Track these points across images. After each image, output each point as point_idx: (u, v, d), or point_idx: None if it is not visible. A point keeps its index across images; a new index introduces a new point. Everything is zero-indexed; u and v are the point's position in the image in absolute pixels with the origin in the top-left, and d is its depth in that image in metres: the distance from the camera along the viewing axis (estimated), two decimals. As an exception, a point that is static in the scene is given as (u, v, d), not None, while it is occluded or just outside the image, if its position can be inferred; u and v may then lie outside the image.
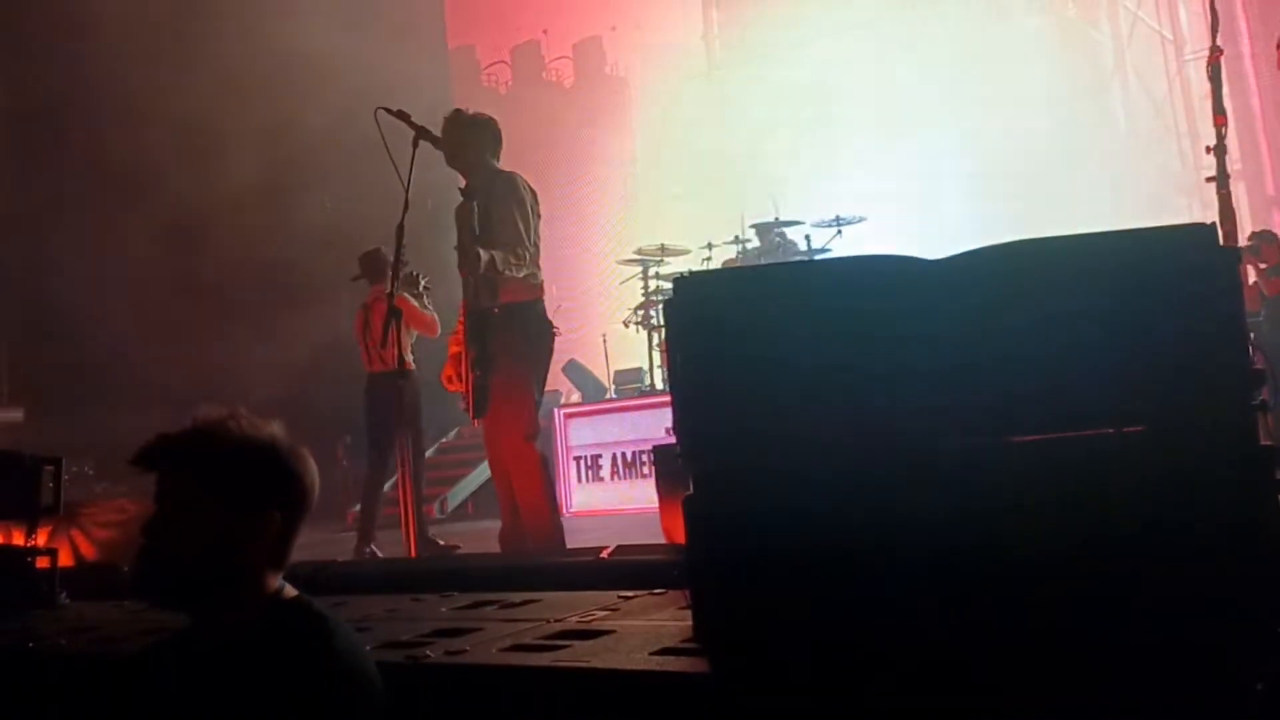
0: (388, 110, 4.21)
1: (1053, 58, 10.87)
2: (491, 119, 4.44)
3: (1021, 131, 10.65)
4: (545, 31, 14.20)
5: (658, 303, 8.75)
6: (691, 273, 1.97)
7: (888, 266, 1.90)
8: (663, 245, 9.45)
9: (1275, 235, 7.89)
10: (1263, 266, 7.59)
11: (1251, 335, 2.01)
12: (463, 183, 4.28)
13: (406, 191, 4.12)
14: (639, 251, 9.55)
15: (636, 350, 9.32)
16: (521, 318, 4.17)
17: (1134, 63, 10.53)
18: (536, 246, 4.26)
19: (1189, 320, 1.76)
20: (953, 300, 1.86)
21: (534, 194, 4.28)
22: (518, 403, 4.15)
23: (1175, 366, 1.79)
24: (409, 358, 5.94)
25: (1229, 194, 3.06)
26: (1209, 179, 3.10)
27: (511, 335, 4.13)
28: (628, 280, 9.72)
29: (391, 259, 4.66)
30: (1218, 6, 3.46)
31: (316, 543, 4.99)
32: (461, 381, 4.28)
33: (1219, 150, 3.07)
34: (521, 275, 4.15)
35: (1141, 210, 9.93)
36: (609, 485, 7.97)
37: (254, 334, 8.35)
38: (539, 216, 4.29)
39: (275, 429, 1.59)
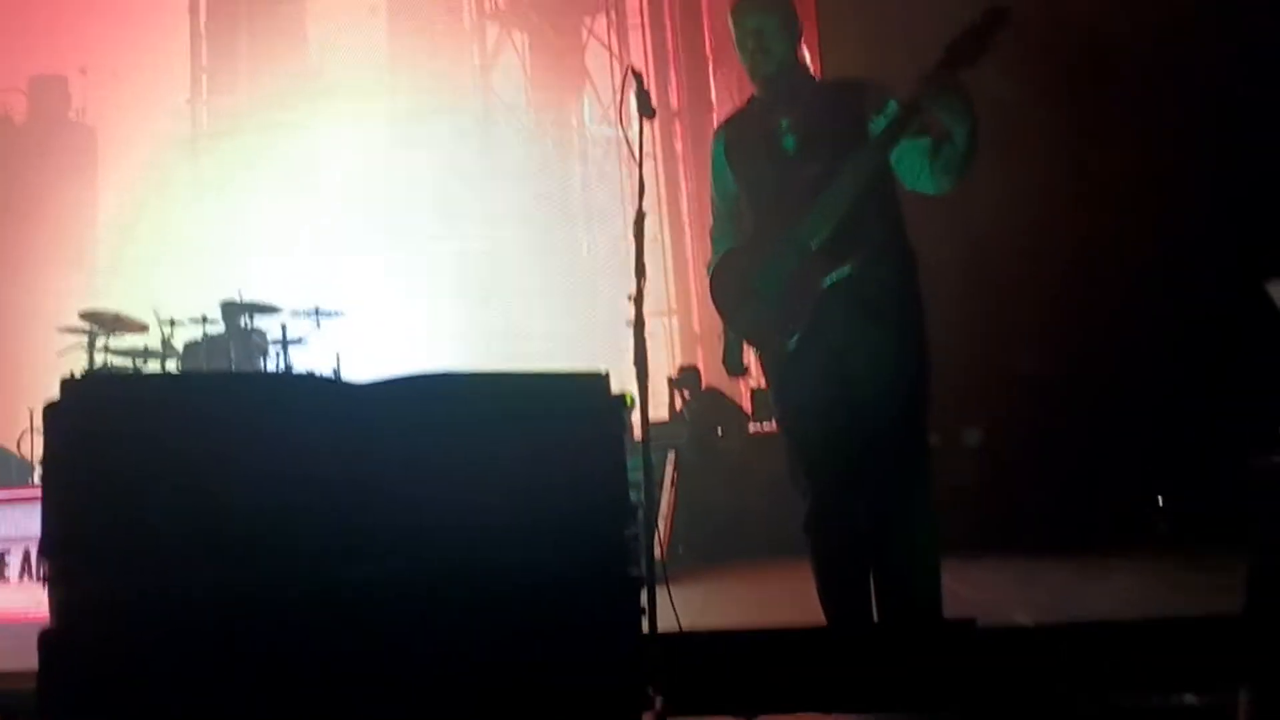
0: None
1: (535, 184, 11.88)
2: None
3: (502, 249, 11.39)
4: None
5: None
6: (85, 374, 1.76)
7: (305, 386, 1.88)
8: (117, 315, 8.59)
9: (698, 369, 9.25)
10: (687, 397, 8.82)
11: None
12: None
13: None
14: (87, 318, 8.56)
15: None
16: None
17: (599, 203, 11.88)
18: None
19: (576, 458, 1.96)
20: (368, 425, 1.88)
21: None
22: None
23: (563, 498, 1.97)
24: None
25: (644, 337, 3.48)
26: (628, 323, 3.50)
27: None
28: (67, 351, 8.62)
29: None
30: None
31: None
32: None
33: (637, 299, 3.49)
34: None
35: (598, 336, 11.05)
36: (16, 587, 6.86)
37: None
38: None
39: None
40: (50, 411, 1.68)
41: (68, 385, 1.67)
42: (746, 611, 5.60)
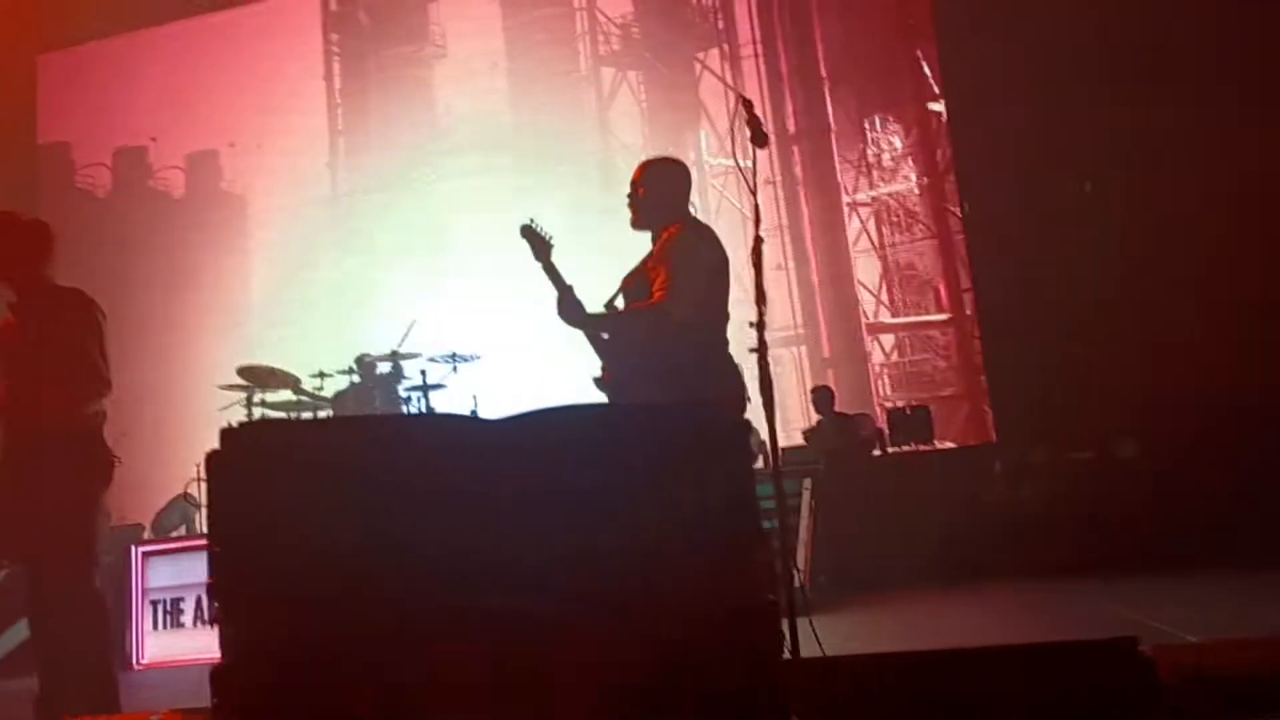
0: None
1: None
2: (39, 223, 3.99)
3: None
4: (154, 139, 13.39)
5: (260, 432, 8.29)
6: (241, 423, 1.90)
7: (445, 425, 1.96)
8: (271, 369, 9.08)
9: (831, 390, 9.15)
10: (819, 419, 8.74)
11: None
12: (14, 299, 3.87)
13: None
14: (243, 374, 9.08)
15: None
16: (75, 445, 3.77)
17: (722, 234, 11.92)
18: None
19: (705, 485, 1.98)
20: (503, 460, 1.95)
21: (103, 316, 3.93)
22: (68, 542, 3.70)
23: (695, 526, 1.99)
24: None
25: (768, 363, 3.49)
26: (751, 350, 3.52)
27: (62, 466, 3.71)
28: (228, 407, 9.15)
29: None
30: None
31: None
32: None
33: (759, 326, 3.51)
34: (92, 410, 3.79)
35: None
36: (191, 633, 7.26)
37: None
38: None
39: None
40: (212, 460, 1.82)
41: (227, 434, 1.80)
42: (890, 640, 5.45)
